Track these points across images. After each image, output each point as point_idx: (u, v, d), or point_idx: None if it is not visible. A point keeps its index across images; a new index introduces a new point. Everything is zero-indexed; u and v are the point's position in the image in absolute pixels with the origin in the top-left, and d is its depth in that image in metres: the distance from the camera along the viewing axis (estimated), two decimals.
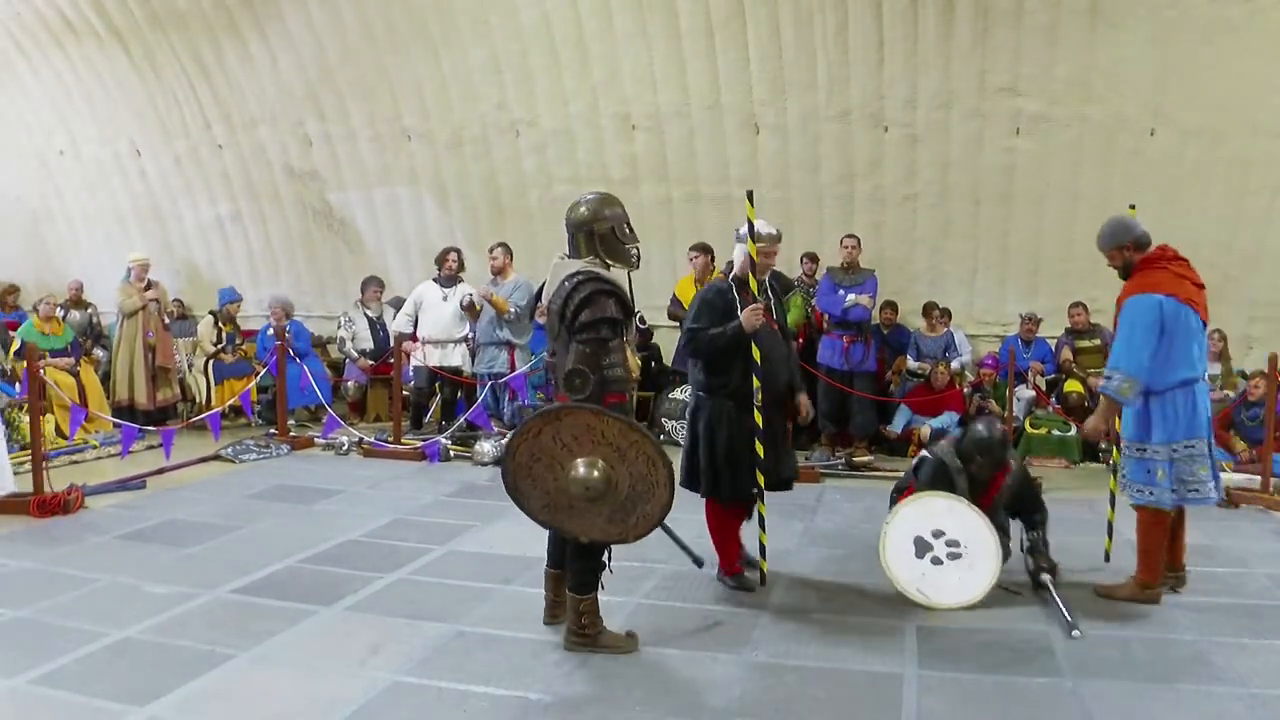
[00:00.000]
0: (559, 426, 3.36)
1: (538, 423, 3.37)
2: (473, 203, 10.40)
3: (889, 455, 8.07)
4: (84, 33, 10.61)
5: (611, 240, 3.73)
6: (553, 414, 3.38)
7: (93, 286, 10.98)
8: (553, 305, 3.68)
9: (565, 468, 3.38)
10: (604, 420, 3.37)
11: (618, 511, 3.42)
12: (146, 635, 3.83)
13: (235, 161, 10.99)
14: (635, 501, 3.40)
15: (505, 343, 8.17)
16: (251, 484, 6.71)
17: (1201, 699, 3.31)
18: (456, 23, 9.56)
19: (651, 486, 3.38)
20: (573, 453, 3.36)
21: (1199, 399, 4.28)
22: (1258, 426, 7.15)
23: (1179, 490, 4.28)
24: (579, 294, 3.54)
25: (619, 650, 3.69)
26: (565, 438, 3.36)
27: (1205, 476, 4.29)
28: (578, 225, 3.73)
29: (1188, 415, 4.25)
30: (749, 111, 9.13)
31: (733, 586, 4.48)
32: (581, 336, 3.51)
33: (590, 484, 3.35)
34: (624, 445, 3.34)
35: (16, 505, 5.74)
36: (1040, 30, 8.18)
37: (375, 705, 3.25)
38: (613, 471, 3.36)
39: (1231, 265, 8.37)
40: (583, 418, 3.36)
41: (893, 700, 3.31)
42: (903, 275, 9.06)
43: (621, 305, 3.62)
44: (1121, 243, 4.37)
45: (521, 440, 3.38)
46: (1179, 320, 4.21)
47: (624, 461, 3.36)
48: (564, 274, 3.67)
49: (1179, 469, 4.27)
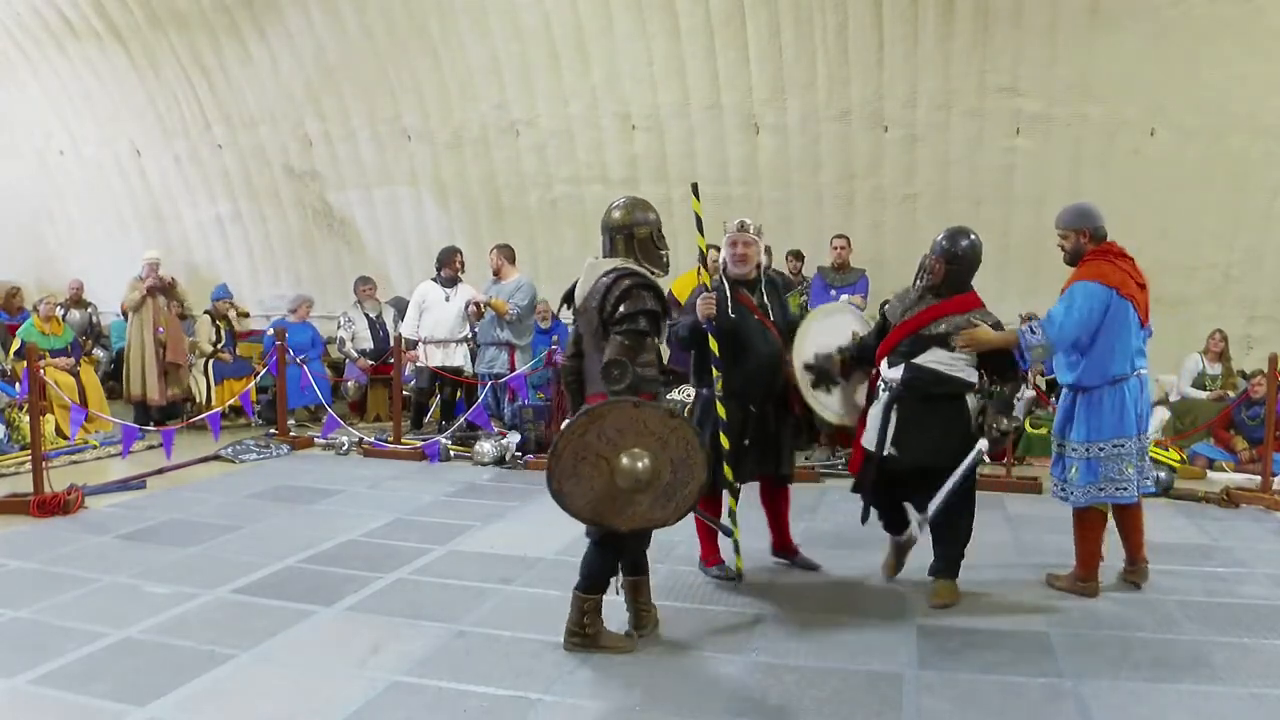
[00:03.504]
0: (603, 424, 3.41)
1: (583, 422, 3.42)
2: (472, 203, 10.40)
3: None
4: (84, 33, 10.61)
5: (649, 245, 3.81)
6: (596, 413, 3.43)
7: (93, 286, 10.99)
8: (589, 302, 3.71)
9: (612, 462, 3.43)
10: (644, 411, 3.43)
11: (660, 497, 3.48)
12: (146, 635, 3.82)
13: (235, 161, 11.00)
14: (676, 486, 3.48)
15: (506, 343, 8.17)
16: (251, 484, 6.70)
17: (1201, 699, 3.31)
18: (456, 23, 9.57)
19: (690, 469, 3.45)
20: (617, 447, 3.41)
21: (1128, 396, 4.25)
22: (1258, 426, 7.15)
23: (1106, 488, 4.25)
24: (618, 288, 3.60)
25: (618, 650, 3.70)
26: (610, 433, 3.42)
27: (1131, 475, 4.26)
28: (617, 228, 3.80)
29: (1115, 415, 4.23)
30: (749, 111, 9.13)
31: (715, 576, 4.56)
32: (620, 328, 3.56)
33: (640, 475, 3.41)
34: (665, 433, 3.41)
35: (16, 505, 5.74)
36: (1040, 30, 8.19)
37: (375, 705, 3.25)
38: (656, 460, 3.43)
39: (1231, 265, 8.38)
40: (625, 411, 3.42)
41: (893, 700, 3.31)
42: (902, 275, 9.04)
43: (659, 301, 3.70)
44: (1081, 227, 4.32)
45: (567, 442, 3.42)
46: (1120, 315, 4.19)
47: (665, 449, 3.43)
48: (599, 272, 3.73)
49: (1104, 467, 4.24)
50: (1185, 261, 8.33)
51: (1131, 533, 4.46)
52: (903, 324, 4.22)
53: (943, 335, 4.14)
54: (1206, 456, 7.51)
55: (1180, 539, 5.45)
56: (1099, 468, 4.26)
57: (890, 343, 4.22)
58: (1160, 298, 8.67)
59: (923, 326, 4.16)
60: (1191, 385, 8.12)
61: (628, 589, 3.87)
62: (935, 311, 4.19)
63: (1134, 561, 4.49)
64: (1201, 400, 7.98)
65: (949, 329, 4.14)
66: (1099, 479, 4.27)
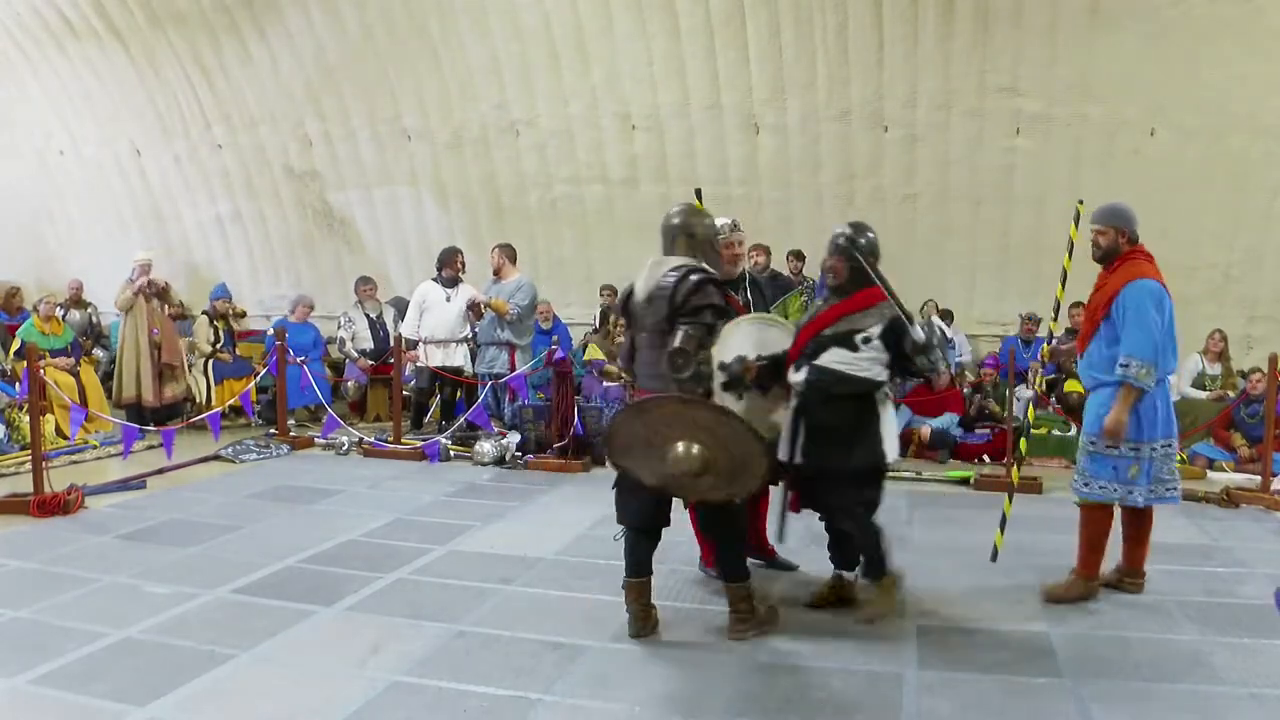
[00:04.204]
0: (651, 416, 3.48)
1: (629, 413, 3.52)
2: (472, 203, 10.40)
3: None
4: (84, 33, 10.62)
5: (708, 247, 3.99)
6: (642, 406, 3.51)
7: (93, 286, 10.99)
8: (657, 294, 3.79)
9: (664, 450, 3.49)
10: (691, 407, 3.50)
11: (719, 482, 3.54)
12: (146, 635, 3.82)
13: (235, 161, 11.00)
14: (735, 474, 3.53)
15: (506, 343, 8.17)
16: (251, 484, 6.70)
17: (1201, 699, 3.31)
18: (456, 23, 9.57)
19: (749, 457, 3.51)
20: (669, 437, 3.46)
21: (1169, 396, 4.29)
22: (1258, 423, 7.16)
23: (1156, 489, 4.23)
24: (688, 282, 3.72)
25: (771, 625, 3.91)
26: (659, 424, 3.48)
27: (1175, 477, 4.27)
28: (680, 228, 3.95)
29: (1165, 413, 4.23)
30: (749, 111, 9.14)
31: (713, 576, 4.52)
32: (688, 320, 3.68)
33: (691, 465, 3.46)
34: (714, 427, 3.47)
35: (16, 505, 5.74)
36: (1040, 30, 8.19)
37: (375, 705, 3.25)
38: (709, 453, 3.47)
39: (1231, 265, 8.39)
40: (669, 407, 3.49)
41: (893, 700, 3.31)
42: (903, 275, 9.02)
43: (724, 298, 3.85)
44: (1121, 226, 4.27)
45: (617, 427, 3.52)
46: (1171, 313, 4.18)
47: (717, 442, 3.48)
48: (665, 269, 3.83)
49: (1156, 468, 4.22)
50: (1185, 261, 8.32)
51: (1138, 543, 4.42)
52: (806, 326, 4.11)
53: (845, 334, 3.97)
54: (1206, 456, 7.52)
55: (1180, 539, 5.45)
56: (1155, 468, 4.21)
57: (796, 347, 4.08)
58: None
59: (825, 327, 4.03)
60: (1191, 385, 8.12)
61: (631, 590, 3.89)
62: (837, 311, 4.06)
63: (1133, 572, 4.44)
64: (1201, 400, 7.99)
65: (850, 327, 3.98)
66: (1154, 480, 4.22)
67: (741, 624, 3.86)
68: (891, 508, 6.15)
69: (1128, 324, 4.13)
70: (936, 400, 8.11)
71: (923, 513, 6.09)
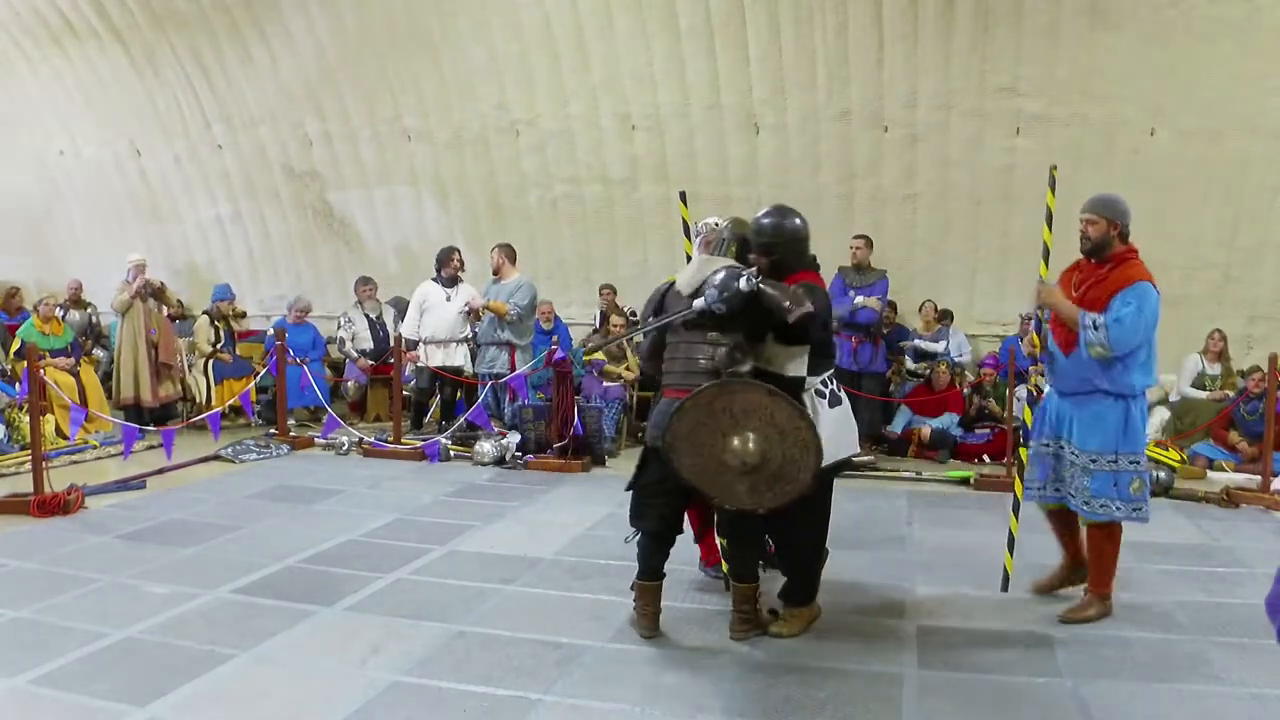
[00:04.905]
0: (732, 399, 3.47)
1: (712, 391, 3.49)
2: (473, 203, 10.40)
3: (889, 455, 8.07)
4: (84, 33, 10.62)
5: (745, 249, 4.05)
6: (729, 386, 3.50)
7: (93, 286, 10.98)
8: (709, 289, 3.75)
9: (727, 437, 3.48)
10: (775, 401, 3.49)
11: (759, 483, 3.53)
12: (146, 635, 3.82)
13: (235, 161, 11.00)
14: (777, 480, 3.52)
15: (506, 343, 8.17)
16: (251, 484, 6.71)
17: (1201, 699, 3.31)
18: (456, 23, 9.57)
19: (797, 470, 3.50)
20: (738, 425, 3.46)
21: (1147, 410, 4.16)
22: (1258, 420, 7.17)
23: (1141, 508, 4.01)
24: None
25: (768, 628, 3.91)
26: (736, 410, 3.47)
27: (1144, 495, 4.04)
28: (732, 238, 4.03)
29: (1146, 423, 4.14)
30: (749, 111, 9.13)
31: (714, 576, 4.56)
32: None
33: (748, 459, 3.46)
34: (788, 428, 3.46)
35: (16, 505, 5.74)
36: (1040, 30, 8.19)
37: (375, 705, 3.25)
38: (769, 450, 3.47)
39: (1231, 265, 8.38)
40: (756, 395, 3.49)
41: (893, 700, 3.31)
42: (903, 275, 9.06)
43: None
44: (1114, 218, 4.01)
45: (694, 404, 3.50)
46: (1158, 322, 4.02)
47: (782, 443, 3.47)
48: (713, 268, 3.86)
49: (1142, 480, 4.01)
50: (1185, 261, 8.32)
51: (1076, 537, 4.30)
52: None
53: None
54: (1206, 456, 7.52)
55: (1180, 539, 5.45)
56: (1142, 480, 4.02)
57: None
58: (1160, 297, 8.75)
59: None
60: (1191, 385, 8.13)
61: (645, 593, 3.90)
62: None
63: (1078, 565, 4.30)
64: (1201, 400, 7.99)
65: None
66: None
67: (744, 624, 3.88)
68: (892, 508, 6.19)
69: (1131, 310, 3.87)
70: (936, 400, 8.12)
71: (923, 513, 6.09)
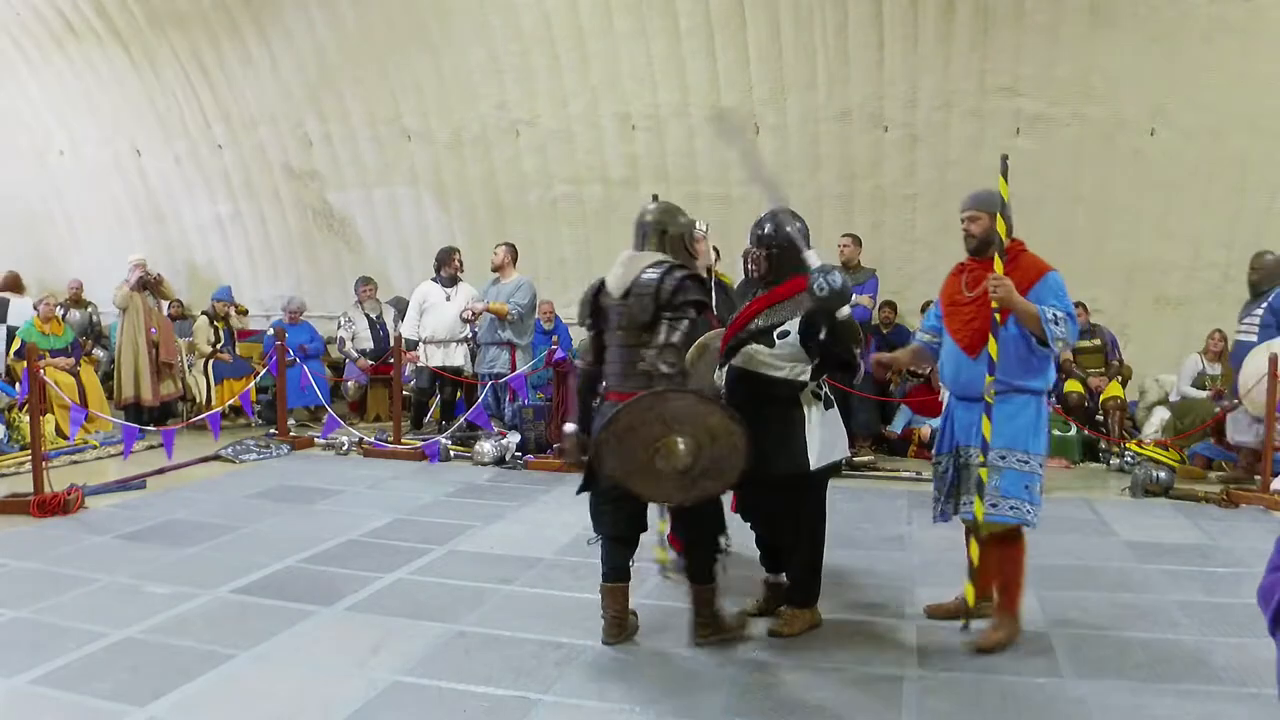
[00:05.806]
0: (665, 407, 3.48)
1: (649, 399, 3.49)
2: (472, 203, 10.40)
3: (889, 455, 8.07)
4: (84, 33, 10.62)
5: (679, 246, 3.95)
6: (663, 395, 3.50)
7: (93, 286, 10.98)
8: (640, 290, 3.71)
9: (660, 442, 3.48)
10: (708, 407, 3.50)
11: (684, 479, 3.53)
12: (146, 635, 3.82)
13: (235, 161, 11.00)
14: (703, 477, 3.53)
15: (506, 343, 8.17)
16: (251, 484, 6.71)
17: (1201, 699, 3.31)
18: (456, 23, 9.57)
19: (723, 471, 3.52)
20: (670, 429, 3.47)
21: None
22: None
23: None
24: (673, 277, 3.70)
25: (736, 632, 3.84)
26: (669, 417, 3.48)
27: None
28: (653, 225, 3.92)
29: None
30: (749, 111, 9.13)
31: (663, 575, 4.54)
32: (673, 316, 3.65)
33: (677, 463, 3.47)
34: (720, 433, 3.47)
35: (16, 505, 5.74)
36: (1040, 30, 8.19)
37: (375, 705, 3.25)
38: (699, 451, 3.48)
39: (1231, 264, 8.37)
40: (690, 403, 3.50)
41: (893, 700, 3.31)
42: (903, 275, 9.06)
43: (705, 295, 3.82)
44: (994, 212, 3.83)
45: (628, 411, 3.49)
46: None
47: (713, 445, 3.48)
48: (643, 264, 3.79)
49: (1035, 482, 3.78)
50: (1185, 261, 8.32)
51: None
52: (731, 324, 3.98)
53: (765, 330, 3.79)
54: (1206, 456, 7.51)
55: (1180, 539, 5.45)
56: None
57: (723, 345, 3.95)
58: (1160, 297, 8.76)
59: (747, 322, 3.86)
60: (1191, 385, 8.12)
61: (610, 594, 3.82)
62: (760, 303, 3.87)
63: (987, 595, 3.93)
64: (1201, 400, 7.98)
65: (770, 322, 3.79)
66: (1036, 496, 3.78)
67: (704, 629, 3.77)
68: (891, 508, 6.19)
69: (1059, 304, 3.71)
70: (936, 400, 8.11)
71: (923, 513, 6.07)
